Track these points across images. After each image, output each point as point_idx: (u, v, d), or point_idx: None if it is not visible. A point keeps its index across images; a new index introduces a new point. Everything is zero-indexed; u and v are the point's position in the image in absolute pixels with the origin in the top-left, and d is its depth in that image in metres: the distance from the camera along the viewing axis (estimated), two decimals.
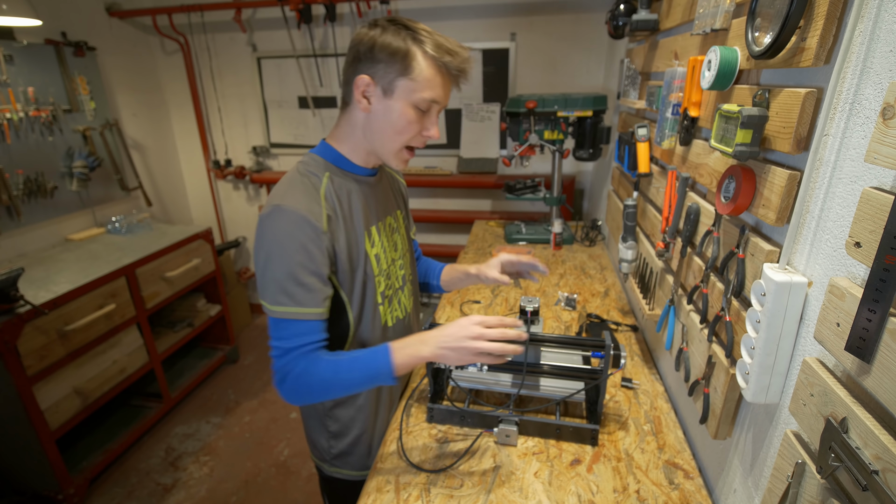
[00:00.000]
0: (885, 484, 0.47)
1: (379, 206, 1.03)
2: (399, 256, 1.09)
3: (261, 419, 2.57)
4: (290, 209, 0.84)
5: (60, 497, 1.94)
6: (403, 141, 0.92)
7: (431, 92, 0.88)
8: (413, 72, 0.85)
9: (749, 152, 0.74)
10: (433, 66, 0.86)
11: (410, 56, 0.85)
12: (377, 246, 1.00)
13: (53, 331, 1.85)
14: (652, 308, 1.28)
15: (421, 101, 0.88)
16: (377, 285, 1.00)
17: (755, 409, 0.79)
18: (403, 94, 0.87)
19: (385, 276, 1.03)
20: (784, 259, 0.69)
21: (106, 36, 2.78)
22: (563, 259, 2.05)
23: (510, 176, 2.79)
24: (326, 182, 0.92)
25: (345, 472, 1.11)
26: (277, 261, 0.84)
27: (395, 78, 0.86)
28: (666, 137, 1.15)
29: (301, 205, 0.86)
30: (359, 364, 0.86)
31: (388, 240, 1.04)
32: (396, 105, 0.88)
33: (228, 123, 3.24)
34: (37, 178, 2.33)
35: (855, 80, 0.57)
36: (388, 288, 1.04)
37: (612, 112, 2.26)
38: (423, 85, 0.87)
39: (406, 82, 0.86)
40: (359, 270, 0.96)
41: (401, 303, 1.10)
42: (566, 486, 0.93)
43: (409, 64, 0.85)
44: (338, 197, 0.93)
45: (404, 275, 1.11)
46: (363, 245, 0.96)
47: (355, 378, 0.87)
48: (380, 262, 1.01)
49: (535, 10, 2.62)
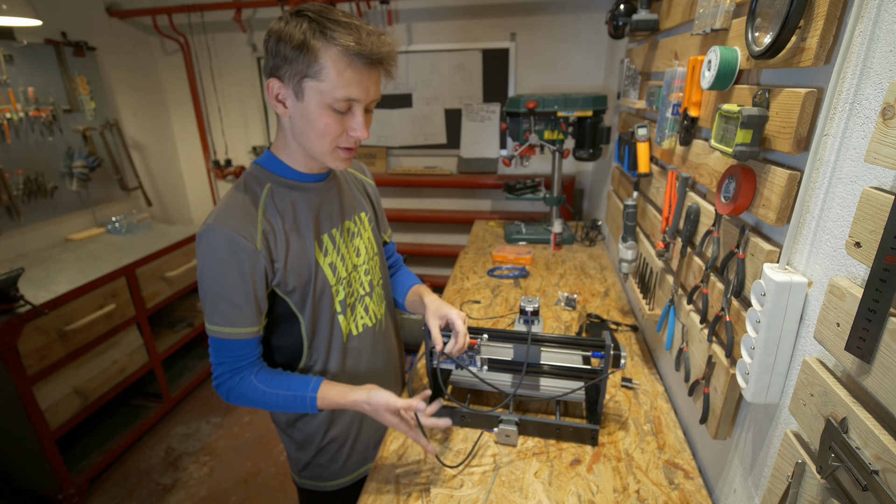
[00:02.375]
0: (885, 484, 0.47)
1: (333, 212, 0.98)
2: (363, 262, 1.04)
3: (261, 419, 2.57)
4: (220, 230, 0.82)
5: (60, 497, 1.94)
6: (329, 143, 0.85)
7: (344, 90, 0.78)
8: (319, 71, 0.77)
9: (749, 152, 0.74)
10: (342, 61, 0.77)
11: (313, 53, 0.76)
12: (331, 254, 0.96)
13: (53, 331, 1.85)
14: (652, 308, 1.28)
15: (335, 102, 0.79)
16: (335, 294, 0.96)
17: (755, 409, 0.79)
18: (314, 96, 0.79)
19: (345, 285, 0.98)
20: (784, 259, 0.69)
21: (106, 36, 2.78)
22: (563, 259, 2.05)
23: (510, 176, 2.79)
24: (266, 195, 0.89)
25: (313, 483, 1.09)
26: (210, 282, 0.84)
27: (301, 79, 0.79)
28: (666, 137, 1.15)
29: (232, 225, 0.83)
30: (282, 400, 0.90)
31: (346, 246, 1.00)
32: (310, 107, 0.81)
33: (228, 123, 3.24)
34: (37, 178, 2.33)
35: (855, 80, 0.57)
36: (350, 296, 1.00)
37: (612, 112, 2.26)
38: (333, 83, 0.78)
39: (313, 83, 0.78)
40: (310, 282, 0.92)
41: (368, 310, 1.05)
42: (566, 486, 0.93)
43: (312, 62, 0.77)
44: (279, 210, 0.89)
45: (371, 280, 1.05)
46: (312, 255, 0.92)
47: (279, 406, 0.91)
48: (336, 270, 0.96)
49: (535, 10, 2.62)
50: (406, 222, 3.19)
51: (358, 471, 1.11)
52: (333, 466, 1.07)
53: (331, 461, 1.07)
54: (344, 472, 1.09)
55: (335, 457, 1.07)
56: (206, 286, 0.85)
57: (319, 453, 1.06)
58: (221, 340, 0.87)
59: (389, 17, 2.72)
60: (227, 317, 0.85)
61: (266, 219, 0.87)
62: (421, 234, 3.24)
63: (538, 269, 1.95)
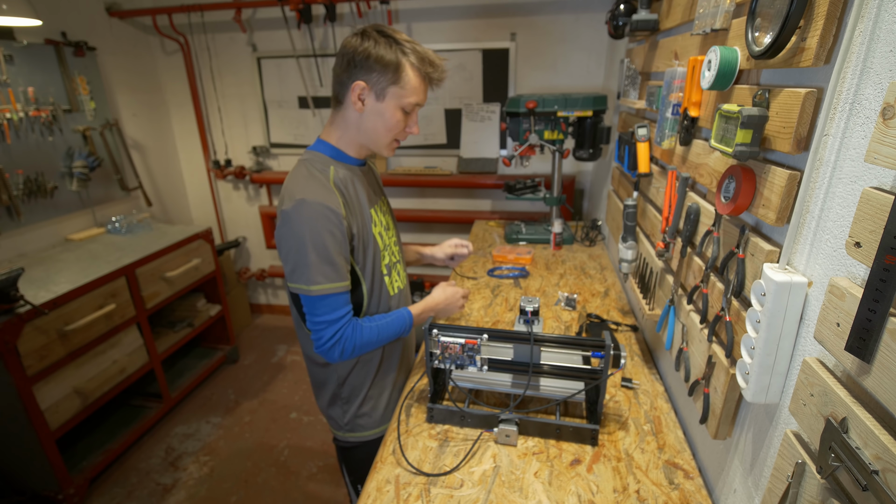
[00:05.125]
0: (885, 484, 0.47)
1: (372, 191, 1.19)
2: (392, 234, 1.25)
3: (261, 419, 2.57)
4: (313, 201, 0.99)
5: (60, 497, 1.94)
6: (392, 136, 1.09)
7: (416, 97, 1.06)
8: (402, 81, 1.03)
9: (749, 152, 0.74)
10: (418, 76, 1.04)
11: (401, 68, 1.01)
12: (379, 225, 1.17)
13: (53, 331, 1.85)
14: (652, 308, 1.28)
15: (407, 105, 1.05)
16: (383, 258, 1.16)
17: (755, 409, 0.79)
18: (394, 99, 1.04)
19: (388, 252, 1.19)
20: (784, 259, 0.69)
21: (106, 36, 2.78)
22: (563, 259, 2.05)
23: (510, 176, 2.79)
24: (333, 174, 1.07)
25: (359, 434, 1.24)
26: (310, 246, 0.99)
27: (387, 85, 1.02)
28: (666, 137, 1.15)
29: (321, 196, 1.00)
30: (393, 326, 1.12)
31: (384, 220, 1.21)
32: (388, 108, 1.05)
33: (228, 123, 3.24)
34: (37, 178, 2.33)
35: (855, 80, 0.57)
36: (391, 259, 1.21)
37: (612, 112, 2.25)
38: (409, 91, 1.04)
39: (396, 89, 1.03)
40: (370, 247, 1.11)
41: (400, 274, 1.26)
42: (566, 486, 0.93)
43: (400, 74, 1.02)
44: (344, 185, 1.08)
45: (399, 250, 1.28)
46: (370, 224, 1.12)
47: (391, 335, 1.12)
48: (383, 238, 1.17)
49: (535, 10, 2.62)
50: (406, 222, 3.19)
51: (383, 425, 1.25)
52: (375, 414, 1.24)
53: (373, 409, 1.23)
54: (383, 419, 1.24)
55: (376, 405, 1.23)
56: (305, 252, 0.99)
57: (363, 403, 1.22)
58: (328, 297, 1.02)
59: (389, 17, 2.72)
60: (329, 275, 1.01)
61: (339, 192, 1.05)
62: (421, 234, 3.24)
63: (538, 269, 1.95)
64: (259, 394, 2.78)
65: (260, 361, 3.11)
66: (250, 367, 3.05)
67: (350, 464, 1.31)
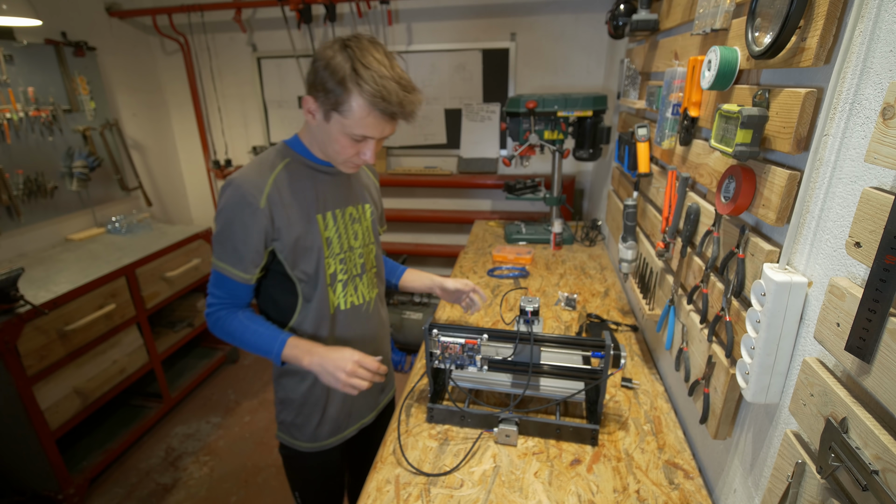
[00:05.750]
0: (885, 484, 0.47)
1: (339, 195, 1.11)
2: (359, 246, 1.15)
3: (261, 419, 2.57)
4: (238, 185, 0.97)
5: (60, 497, 1.94)
6: (341, 158, 1.00)
7: (362, 130, 0.93)
8: (345, 110, 0.91)
9: (749, 152, 0.74)
10: (365, 108, 0.90)
11: (345, 94, 0.90)
12: (330, 230, 1.08)
13: (53, 331, 1.85)
14: (652, 308, 1.28)
15: (353, 135, 0.94)
16: (326, 267, 1.08)
17: (755, 409, 0.79)
18: (337, 125, 0.94)
19: (338, 261, 1.10)
20: (784, 259, 0.69)
21: (106, 36, 2.78)
22: (563, 259, 2.05)
23: (510, 176, 2.79)
24: (281, 168, 1.03)
25: (288, 439, 1.20)
26: (221, 227, 1.00)
27: (329, 109, 0.93)
28: (666, 137, 1.15)
29: (248, 184, 0.98)
30: (257, 337, 1.04)
31: (345, 227, 1.11)
32: (332, 131, 0.96)
33: (228, 123, 3.24)
34: (37, 178, 2.33)
35: (855, 80, 0.57)
36: (343, 272, 1.11)
37: (612, 112, 2.25)
38: (353, 123, 0.92)
39: (339, 117, 0.93)
40: (307, 252, 1.04)
41: (358, 290, 1.16)
42: (566, 486, 0.93)
43: (342, 101, 0.90)
44: (289, 182, 1.03)
45: (363, 263, 1.16)
46: (313, 228, 1.05)
47: (251, 345, 1.04)
48: (331, 245, 1.08)
49: (535, 10, 2.62)
50: (406, 222, 3.19)
51: (328, 440, 1.19)
52: (307, 429, 1.17)
53: (304, 423, 1.17)
54: (315, 437, 1.18)
55: (308, 420, 1.16)
56: (218, 228, 1.00)
57: (297, 414, 1.16)
58: (221, 275, 1.03)
59: (389, 17, 2.72)
60: (225, 257, 1.01)
61: (275, 185, 1.01)
62: (421, 234, 3.24)
63: (538, 269, 1.95)
64: (259, 394, 2.78)
65: (260, 361, 3.10)
66: (250, 367, 3.05)
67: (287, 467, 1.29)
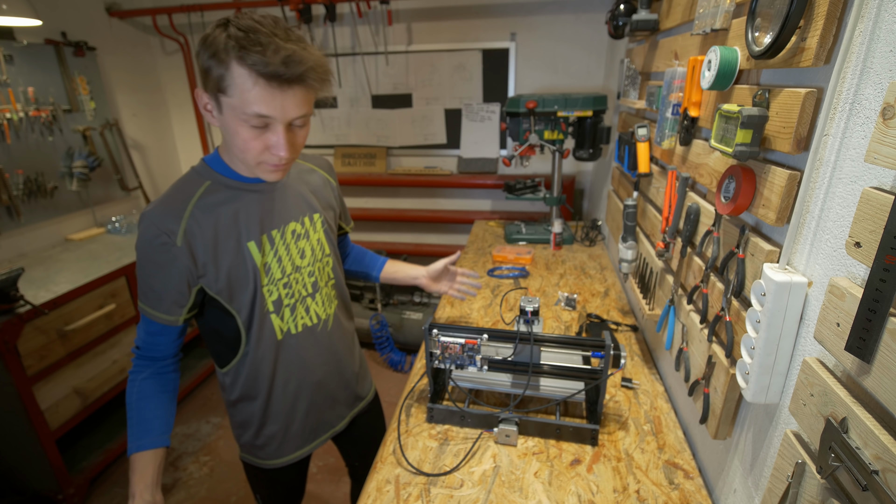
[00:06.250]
0: (885, 484, 0.47)
1: (274, 213, 0.98)
2: (308, 264, 1.04)
3: None
4: (149, 221, 0.87)
5: (60, 497, 1.94)
6: (252, 158, 0.84)
7: (254, 106, 0.77)
8: (228, 87, 0.76)
9: (749, 152, 0.74)
10: (248, 79, 0.75)
11: (222, 67, 0.75)
12: (268, 255, 0.96)
13: (53, 331, 1.85)
14: (652, 308, 1.28)
15: (249, 119, 0.78)
16: (266, 294, 0.97)
17: (755, 409, 0.79)
18: (229, 112, 0.79)
19: (281, 286, 0.99)
20: (784, 259, 0.69)
21: (106, 36, 2.78)
22: (563, 259, 2.05)
23: (510, 176, 2.79)
24: (200, 194, 0.90)
25: (250, 458, 1.15)
26: (138, 265, 0.90)
27: (216, 94, 0.79)
28: (666, 137, 1.15)
29: (160, 218, 0.86)
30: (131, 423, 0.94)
31: (288, 247, 1.00)
32: (228, 122, 0.81)
33: None
34: (37, 178, 2.33)
35: (855, 80, 0.57)
36: (289, 297, 1.01)
37: (612, 112, 2.25)
38: (241, 100, 0.77)
39: (226, 99, 0.78)
40: (240, 282, 0.94)
41: (310, 310, 1.06)
42: (566, 486, 0.93)
43: (223, 78, 0.76)
44: (212, 209, 0.90)
45: (314, 282, 1.06)
46: (245, 255, 0.93)
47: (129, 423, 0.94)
48: (270, 271, 0.97)
49: (535, 10, 2.62)
50: (406, 222, 3.19)
51: (294, 454, 1.15)
52: (269, 449, 1.12)
53: (266, 444, 1.11)
54: (279, 454, 1.13)
55: (269, 442, 1.11)
56: (137, 266, 0.91)
57: (256, 437, 1.11)
58: (145, 317, 0.93)
59: (389, 17, 2.72)
60: (147, 299, 0.91)
61: (194, 217, 0.89)
62: (421, 234, 3.24)
63: (538, 269, 1.95)
64: None
65: None
66: None
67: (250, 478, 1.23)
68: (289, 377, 1.06)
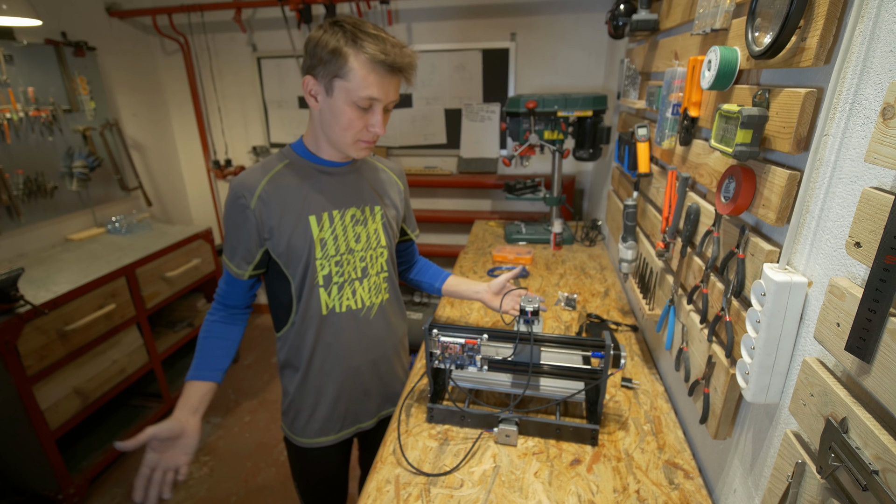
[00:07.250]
0: (885, 484, 0.47)
1: (340, 196, 1.10)
2: (361, 249, 1.13)
3: (261, 419, 2.57)
4: (232, 187, 1.04)
5: (60, 497, 1.94)
6: (351, 136, 0.99)
7: (368, 91, 0.93)
8: (346, 72, 0.92)
9: (749, 152, 0.74)
10: (367, 66, 0.92)
11: (343, 57, 0.91)
12: (325, 231, 1.07)
13: (53, 331, 1.85)
14: (652, 308, 1.28)
15: (359, 100, 0.94)
16: (319, 268, 1.08)
17: (755, 409, 0.79)
18: (342, 94, 0.94)
19: (333, 263, 1.09)
20: (784, 259, 0.69)
21: (106, 36, 2.78)
22: (563, 259, 2.05)
23: (510, 176, 2.79)
24: (279, 169, 1.06)
25: (286, 430, 1.24)
26: (223, 223, 1.08)
27: (332, 78, 0.93)
28: (666, 137, 1.15)
29: (240, 186, 1.02)
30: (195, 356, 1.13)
31: (346, 229, 1.10)
32: (338, 104, 0.95)
33: (228, 123, 3.24)
34: (37, 178, 2.33)
35: (855, 80, 0.57)
36: (338, 275, 1.11)
37: (612, 112, 2.25)
38: (357, 85, 0.93)
39: (342, 83, 0.93)
40: (297, 251, 1.06)
41: (356, 293, 1.14)
42: (566, 486, 0.93)
43: (342, 65, 0.92)
44: (285, 183, 1.05)
45: (365, 267, 1.14)
46: (307, 226, 1.05)
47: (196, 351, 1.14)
48: (325, 246, 1.07)
49: (535, 10, 2.62)
50: None
51: (317, 438, 1.21)
52: (298, 422, 1.20)
53: (296, 417, 1.20)
54: (304, 433, 1.20)
55: (298, 415, 1.20)
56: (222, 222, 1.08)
57: (289, 406, 1.21)
58: (224, 268, 1.09)
59: (389, 17, 2.72)
60: (226, 251, 1.08)
61: (269, 187, 1.03)
62: (421, 233, 3.24)
63: (538, 269, 1.95)
64: (259, 394, 2.78)
65: (260, 361, 3.11)
66: (250, 367, 3.05)
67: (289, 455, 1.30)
68: (326, 354, 1.14)
